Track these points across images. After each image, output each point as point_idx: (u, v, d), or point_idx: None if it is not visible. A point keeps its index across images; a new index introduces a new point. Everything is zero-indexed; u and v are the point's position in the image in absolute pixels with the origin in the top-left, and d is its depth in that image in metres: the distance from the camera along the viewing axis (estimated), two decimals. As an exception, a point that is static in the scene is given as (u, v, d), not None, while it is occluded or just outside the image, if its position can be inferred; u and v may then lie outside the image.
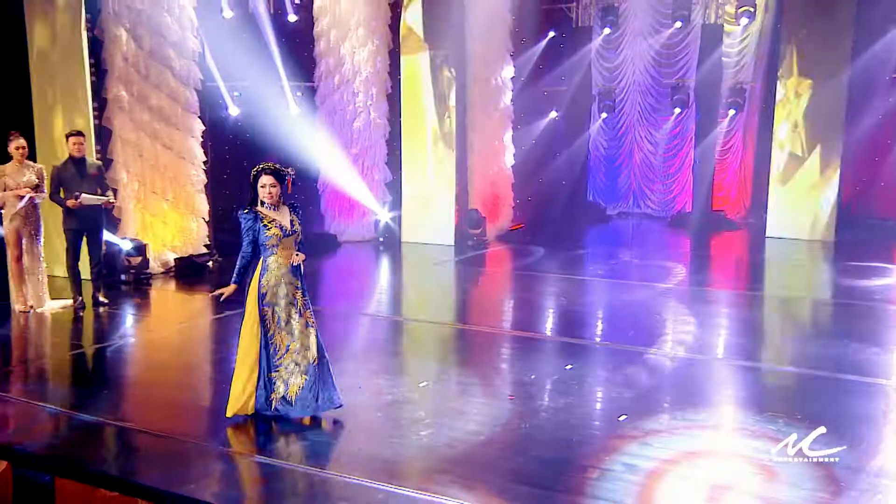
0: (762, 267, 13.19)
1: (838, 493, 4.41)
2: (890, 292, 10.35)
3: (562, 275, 11.83)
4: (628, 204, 18.22)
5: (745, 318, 9.17)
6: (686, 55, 16.36)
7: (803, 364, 7.02)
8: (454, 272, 12.50)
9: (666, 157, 17.44)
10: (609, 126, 17.82)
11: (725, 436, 5.36)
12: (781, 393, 6.46)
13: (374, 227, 14.45)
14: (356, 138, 13.97)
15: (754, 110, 16.31)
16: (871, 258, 12.26)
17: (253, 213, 5.30)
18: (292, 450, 5.03)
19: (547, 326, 9.05)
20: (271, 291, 5.28)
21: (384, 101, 14.07)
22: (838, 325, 8.84)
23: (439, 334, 8.43)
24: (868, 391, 6.22)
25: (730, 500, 4.35)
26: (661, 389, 6.35)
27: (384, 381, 6.42)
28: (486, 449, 5.07)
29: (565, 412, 5.74)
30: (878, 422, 5.59)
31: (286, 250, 5.33)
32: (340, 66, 13.61)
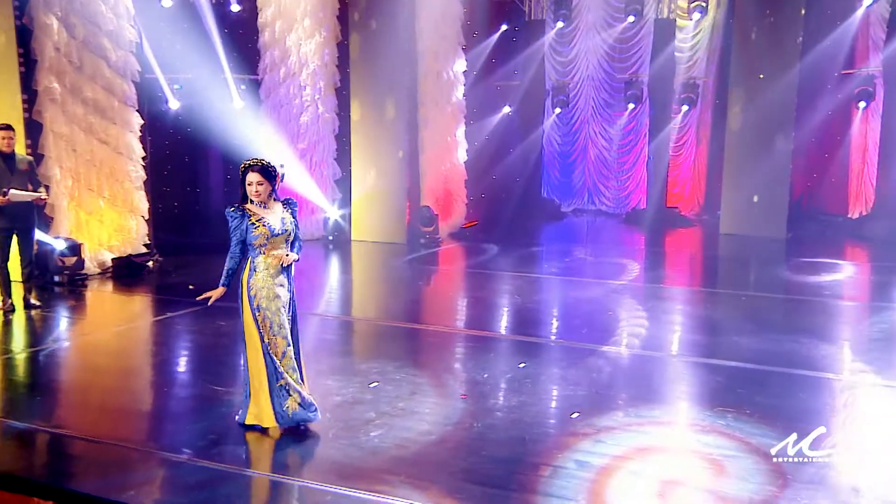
0: (715, 264, 13.56)
1: (785, 485, 4.59)
2: (838, 288, 10.76)
3: (516, 272, 11.98)
4: (583, 201, 18.52)
5: (697, 315, 9.43)
6: (639, 50, 16.71)
7: (754, 359, 7.26)
8: (406, 271, 12.54)
9: (620, 153, 17.78)
10: (563, 121, 18.08)
11: (677, 432, 5.53)
12: (732, 388, 6.65)
13: (322, 225, 14.40)
14: (303, 133, 13.91)
15: (707, 106, 16.74)
16: (821, 254, 12.72)
17: (240, 210, 5.16)
18: (237, 453, 5.02)
19: (500, 325, 9.17)
20: (260, 294, 5.13)
21: (332, 95, 14.02)
22: (789, 321, 9.15)
23: (391, 334, 8.47)
24: (817, 385, 6.48)
25: (679, 494, 4.50)
26: (614, 386, 6.51)
27: (333, 382, 6.44)
28: (437, 449, 5.14)
29: (518, 410, 5.84)
30: (824, 415, 5.82)
31: (276, 250, 5.17)
32: (286, 59, 13.54)
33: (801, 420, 5.72)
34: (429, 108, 14.61)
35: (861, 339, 8.18)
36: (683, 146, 17.18)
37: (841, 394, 6.29)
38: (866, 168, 15.00)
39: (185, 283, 10.64)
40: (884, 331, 8.35)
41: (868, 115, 14.74)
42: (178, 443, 5.21)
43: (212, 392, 6.22)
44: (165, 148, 12.94)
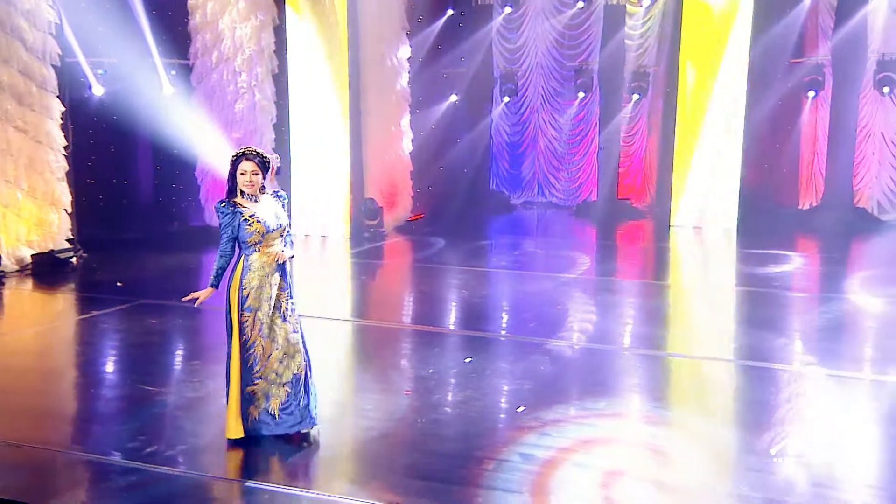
0: (665, 256, 13.93)
1: (725, 474, 4.83)
2: (788, 279, 11.18)
3: (463, 267, 12.13)
4: (533, 193, 18.76)
5: (646, 307, 9.70)
6: (589, 37, 17.01)
7: (703, 351, 7.55)
8: (350, 265, 12.59)
9: (570, 144, 18.07)
10: (511, 111, 18.29)
11: (623, 424, 5.72)
12: (680, 380, 6.93)
13: (260, 218, 14.29)
14: (239, 122, 13.82)
15: (658, 95, 17.08)
16: (772, 245, 13.17)
17: (232, 205, 4.99)
18: (172, 455, 5.03)
19: (447, 320, 9.30)
20: (253, 294, 5.00)
21: (270, 82, 13.96)
22: (738, 313, 9.52)
23: (333, 330, 8.52)
24: (763, 376, 6.76)
25: (623, 485, 4.68)
26: (561, 380, 6.70)
27: (271, 380, 6.47)
28: (379, 445, 5.24)
29: (464, 405, 5.98)
30: (769, 404, 6.09)
31: (270, 247, 5.05)
32: (219, 43, 13.42)
33: (747, 411, 6.04)
34: (372, 95, 14.65)
35: (809, 329, 8.53)
36: (634, 136, 17.55)
37: (788, 384, 6.57)
38: (816, 159, 15.56)
39: (112, 280, 10.54)
40: (831, 321, 8.72)
41: (818, 104, 15.29)
42: (106, 445, 5.20)
43: (142, 392, 6.21)
44: (89, 137, 12.72)
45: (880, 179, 15.20)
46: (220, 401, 6.04)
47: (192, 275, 11.62)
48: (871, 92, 14.75)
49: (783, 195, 15.94)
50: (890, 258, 12.73)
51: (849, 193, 15.17)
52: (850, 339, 8.16)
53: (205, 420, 5.70)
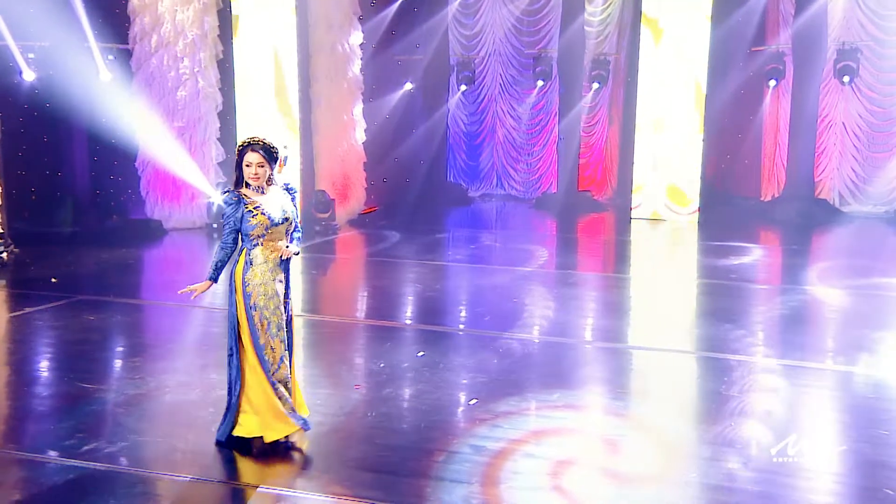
0: (626, 249, 14.25)
1: (675, 462, 5.07)
2: (748, 271, 11.54)
3: (418, 260, 12.28)
4: (491, 185, 19.01)
5: (604, 300, 10.00)
6: (548, 23, 17.29)
7: (659, 343, 7.82)
8: (300, 260, 12.65)
9: (530, 134, 18.34)
10: (469, 99, 18.50)
11: (575, 414, 5.94)
12: (634, 372, 7.18)
13: (206, 211, 14.32)
14: (181, 110, 13.77)
15: (619, 84, 17.45)
16: (732, 237, 13.56)
17: (237, 196, 4.94)
18: (108, 452, 5.10)
19: (400, 314, 9.44)
20: (257, 291, 4.96)
21: (214, 68, 13.94)
22: (696, 305, 9.85)
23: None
24: (720, 367, 7.07)
25: (572, 473, 4.89)
26: (514, 373, 6.88)
27: (217, 375, 6.54)
28: (328, 439, 5.38)
29: (415, 399, 6.15)
30: (724, 395, 6.36)
31: (274, 241, 5.00)
32: (159, 26, 13.35)
33: (702, 401, 6.32)
34: (322, 83, 14.69)
35: (766, 321, 8.85)
36: (595, 126, 17.88)
37: (744, 375, 6.84)
38: (778, 150, 16.03)
39: (46, 276, 10.47)
40: (790, 313, 9.07)
41: (779, 93, 15.74)
42: (42, 444, 5.25)
43: (80, 390, 6.25)
44: (20, 125, 12.58)
45: (841, 170, 15.72)
46: (162, 398, 6.17)
47: (132, 270, 11.60)
48: (831, 81, 15.23)
49: (745, 186, 16.40)
50: (850, 249, 13.20)
51: (810, 185, 15.64)
52: (808, 331, 8.52)
53: (148, 417, 5.78)
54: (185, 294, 5.10)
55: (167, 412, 5.94)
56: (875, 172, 15.45)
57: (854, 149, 15.63)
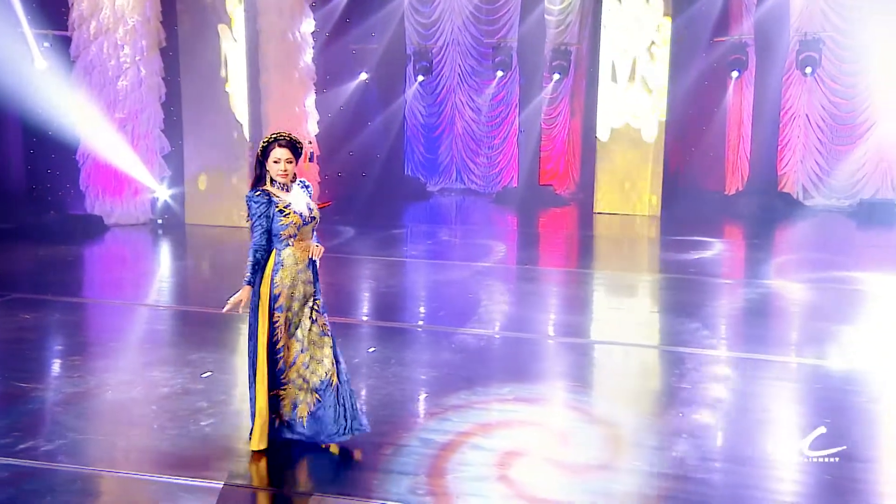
0: (587, 244, 14.57)
1: (622, 452, 5.33)
2: (707, 266, 11.90)
3: (374, 256, 12.46)
4: (450, 179, 19.23)
5: (561, 295, 10.31)
6: (507, 12, 17.55)
7: (616, 337, 8.12)
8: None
9: (489, 126, 18.58)
10: (427, 90, 18.70)
11: (526, 407, 6.18)
12: (589, 365, 7.45)
13: (150, 207, 14.36)
14: (122, 100, 13.76)
15: (581, 75, 17.75)
16: (695, 232, 13.93)
17: (265, 194, 4.95)
18: (46, 450, 5.22)
19: (352, 310, 9.59)
20: (286, 293, 5.02)
21: (157, 56, 13.96)
22: (654, 300, 10.17)
23: (230, 323, 8.71)
24: (672, 360, 7.39)
25: (520, 464, 5.12)
26: (466, 367, 7.12)
27: (161, 373, 6.71)
28: (274, 434, 5.55)
29: (366, 394, 6.35)
30: (672, 387, 6.66)
31: (304, 241, 5.06)
32: (98, 12, 13.30)
33: (655, 393, 6.62)
34: (272, 73, 14.75)
35: (723, 315, 9.19)
36: (556, 118, 18.17)
37: (698, 367, 7.12)
38: (742, 142, 16.46)
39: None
40: (747, 307, 9.43)
41: (742, 85, 16.17)
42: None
43: (16, 389, 6.34)
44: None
45: (805, 164, 16.20)
46: (103, 396, 6.30)
47: (71, 268, 11.61)
48: (794, 72, 15.69)
49: (709, 180, 16.82)
50: (812, 243, 13.66)
51: (773, 178, 16.09)
52: (764, 324, 8.84)
53: (87, 415, 5.90)
54: (231, 309, 5.05)
55: (108, 410, 6.08)
56: (838, 165, 15.94)
57: (818, 141, 16.11)
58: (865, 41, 14.89)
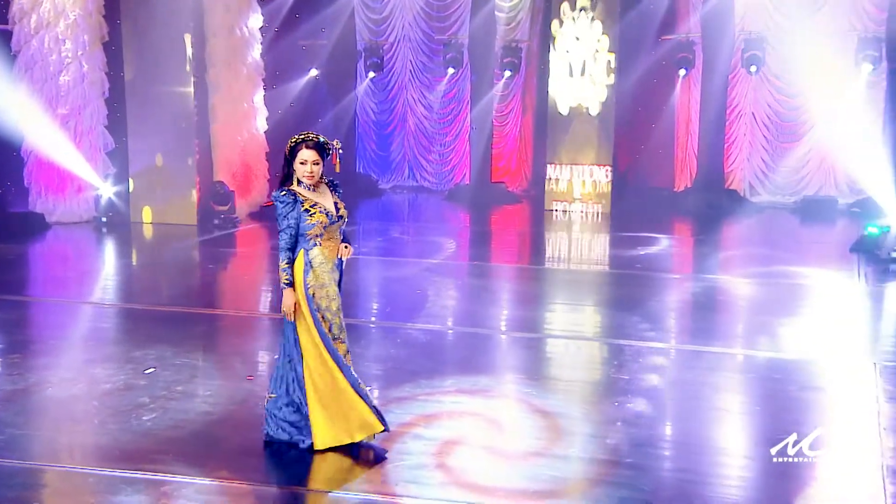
0: (537, 240, 14.87)
1: (558, 439, 5.57)
2: (654, 261, 12.25)
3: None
4: (403, 176, 19.41)
5: (510, 290, 10.57)
6: (458, 8, 17.78)
7: (557, 331, 8.40)
8: (196, 254, 12.83)
9: (441, 123, 18.79)
10: (378, 87, 18.85)
11: (466, 398, 6.37)
12: (528, 358, 7.68)
13: (93, 204, 14.32)
14: (64, 95, 13.71)
15: (532, 72, 18.04)
16: (643, 228, 14.31)
17: (291, 194, 4.99)
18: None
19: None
20: (320, 293, 5.06)
21: (100, 51, 13.92)
22: (601, 295, 10.47)
23: (174, 320, 8.82)
24: (613, 352, 7.69)
25: (458, 452, 5.32)
26: (410, 362, 7.33)
27: (102, 370, 6.81)
28: (217, 427, 5.71)
29: (308, 389, 6.52)
30: (609, 378, 6.95)
31: (331, 241, 5.10)
32: (38, 6, 13.24)
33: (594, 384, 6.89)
34: (219, 69, 14.80)
35: (665, 309, 9.52)
36: (508, 115, 18.45)
37: (634, 359, 7.42)
38: (689, 140, 16.87)
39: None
40: (690, 301, 9.79)
41: (689, 83, 16.58)
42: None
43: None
44: None
45: (751, 161, 16.66)
46: (43, 392, 6.39)
47: (11, 266, 11.56)
48: (740, 70, 16.13)
49: (658, 177, 17.20)
50: (757, 239, 14.08)
51: (720, 175, 16.53)
52: (708, 317, 9.21)
53: (26, 412, 5.99)
54: (291, 315, 5.08)
55: (49, 407, 6.18)
56: (783, 162, 16.43)
57: (763, 139, 16.59)
58: (807, 40, 15.34)
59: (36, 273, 11.93)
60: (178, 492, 4.76)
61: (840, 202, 15.67)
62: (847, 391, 6.71)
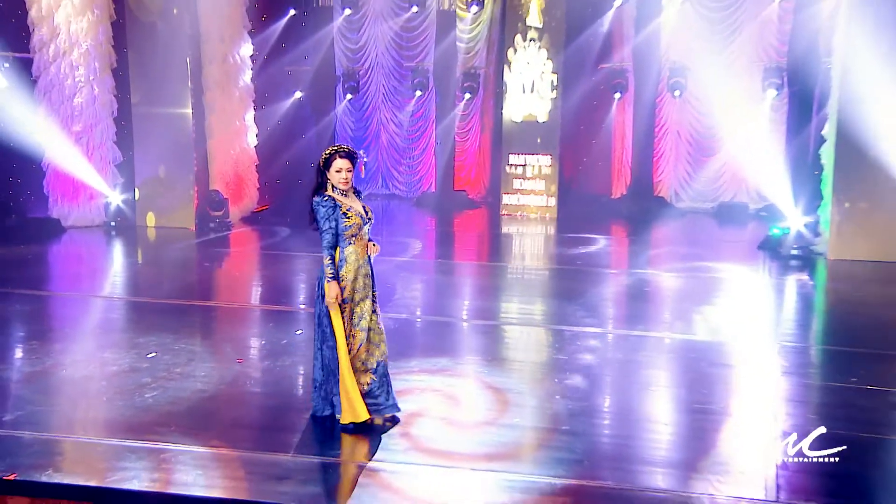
0: (494, 241, 14.99)
1: (506, 411, 5.68)
2: (593, 258, 12.41)
3: (307, 253, 12.52)
4: (377, 185, 19.39)
5: (468, 284, 10.67)
6: (424, 39, 17.83)
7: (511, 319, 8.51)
8: (194, 254, 12.77)
9: (410, 139, 18.83)
10: (354, 107, 18.85)
11: (427, 377, 6.45)
12: (484, 342, 7.79)
13: (104, 210, 14.20)
14: (78, 115, 13.63)
15: (489, 94, 18.16)
16: (585, 230, 14.48)
17: (331, 199, 5.01)
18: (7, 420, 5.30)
19: (289, 299, 9.75)
20: (350, 286, 5.08)
21: (109, 76, 13.84)
22: (546, 286, 10.61)
23: (174, 311, 8.79)
24: (554, 336, 7.81)
25: (417, 422, 5.39)
26: (380, 345, 7.39)
27: (110, 354, 6.82)
28: (210, 403, 5.75)
29: (290, 370, 6.58)
30: (551, 359, 7.08)
31: (362, 240, 5.14)
32: (56, 37, 13.17)
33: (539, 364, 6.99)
34: (215, 92, 14.76)
35: (602, 299, 9.66)
36: (468, 132, 18.52)
37: (573, 341, 7.56)
38: (624, 153, 17.09)
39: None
40: (623, 292, 9.96)
41: (624, 104, 16.79)
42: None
43: (-20, 370, 6.38)
44: None
45: (676, 172, 16.90)
46: (59, 374, 6.38)
47: (31, 264, 11.45)
48: (666, 94, 16.37)
49: (597, 185, 17.38)
50: (681, 239, 14.30)
51: (650, 184, 16.77)
52: (637, 306, 9.38)
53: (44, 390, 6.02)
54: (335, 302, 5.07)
55: (63, 386, 6.18)
56: (702, 173, 16.67)
57: (686, 153, 16.82)
58: (722, 69, 15.62)
59: (53, 271, 11.82)
60: (175, 458, 4.80)
61: (750, 207, 15.92)
62: (751, 367, 6.90)
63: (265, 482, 4.56)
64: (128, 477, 4.55)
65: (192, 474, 4.63)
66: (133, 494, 4.41)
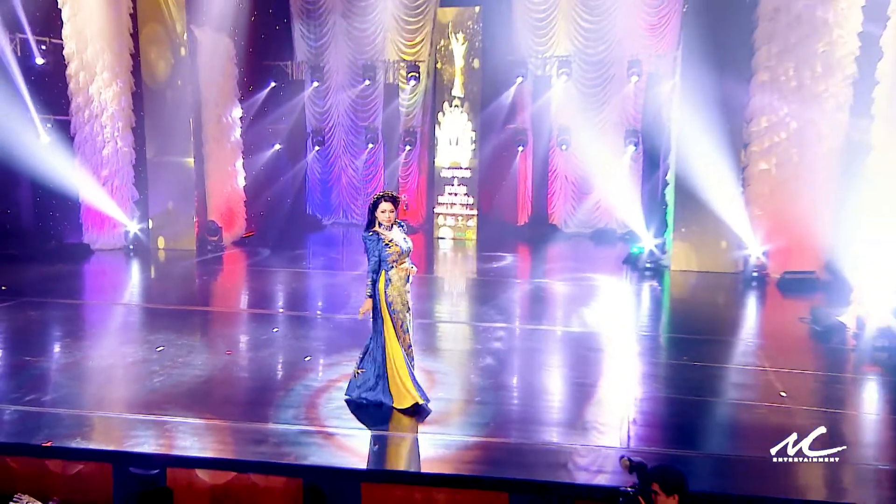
0: (429, 259, 15.08)
1: (434, 387, 5.83)
2: (503, 271, 12.67)
3: (284, 268, 12.55)
4: (339, 215, 19.32)
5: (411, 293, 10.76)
6: (374, 105, 17.95)
7: (443, 317, 8.66)
8: (195, 270, 12.58)
9: (365, 180, 18.86)
10: (322, 156, 18.78)
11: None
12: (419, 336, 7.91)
13: (124, 236, 13.87)
14: (105, 163, 13.40)
15: (425, 146, 18.32)
16: (498, 250, 14.74)
17: (376, 234, 5.08)
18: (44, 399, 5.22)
19: (270, 304, 9.72)
20: (396, 301, 5.12)
21: (129, 133, 13.63)
22: (468, 292, 10.81)
23: (180, 316, 8.68)
24: (473, 330, 7.98)
25: (366, 395, 5.52)
26: (338, 339, 7.48)
27: (128, 349, 6.76)
28: (205, 385, 5.78)
29: (269, 359, 6.64)
30: (472, 348, 7.26)
31: (403, 264, 5.14)
32: (90, 104, 13.04)
33: (461, 352, 7.14)
34: (212, 145, 14.63)
35: (509, 301, 9.89)
36: (409, 175, 18.61)
37: (484, 334, 7.77)
38: (526, 191, 17.44)
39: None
40: (525, 296, 10.21)
41: (525, 155, 17.16)
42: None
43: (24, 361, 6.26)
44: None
45: (564, 206, 17.34)
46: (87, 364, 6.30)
47: (66, 278, 11.11)
48: (556, 147, 16.84)
49: (507, 215, 17.65)
50: (567, 256, 14.65)
51: (545, 214, 17.16)
52: (536, 306, 9.62)
53: (75, 377, 5.94)
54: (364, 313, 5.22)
55: (90, 373, 6.12)
56: (583, 207, 17.12)
57: (571, 192, 17.23)
58: (595, 129, 16.17)
59: (83, 283, 11.49)
60: (176, 428, 4.83)
61: (617, 232, 16.35)
62: (618, 352, 7.15)
63: (247, 445, 4.62)
64: (139, 443, 4.58)
65: (190, 440, 4.67)
66: (144, 456, 4.42)
